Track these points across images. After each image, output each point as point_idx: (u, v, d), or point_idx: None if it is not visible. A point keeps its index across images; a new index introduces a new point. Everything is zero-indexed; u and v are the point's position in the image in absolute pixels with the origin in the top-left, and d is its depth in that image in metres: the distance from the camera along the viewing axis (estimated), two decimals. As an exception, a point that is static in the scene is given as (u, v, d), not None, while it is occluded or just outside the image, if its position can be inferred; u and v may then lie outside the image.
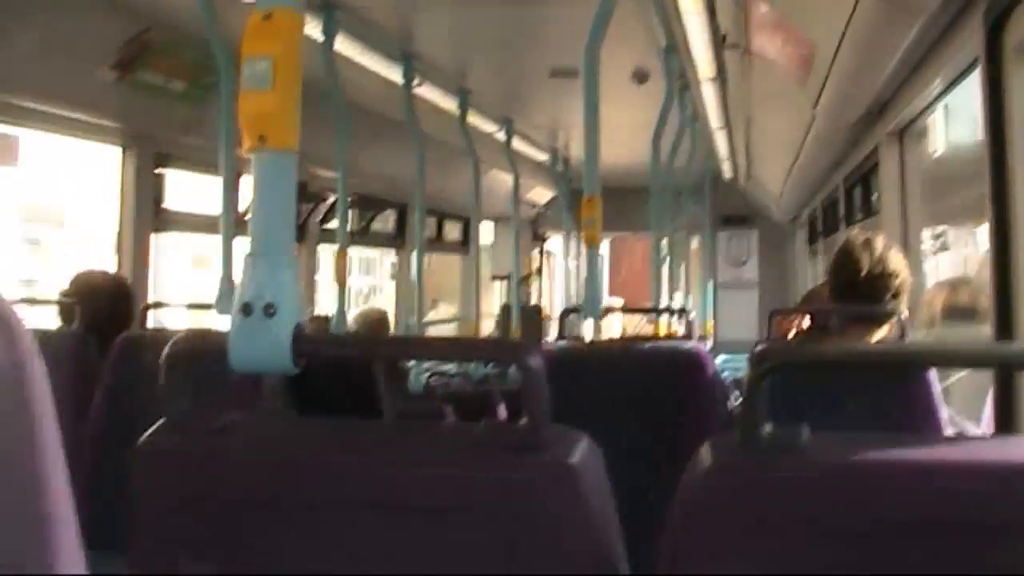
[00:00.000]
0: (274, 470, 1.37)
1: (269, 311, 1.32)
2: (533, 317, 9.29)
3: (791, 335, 4.24)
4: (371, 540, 1.34)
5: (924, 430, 2.80)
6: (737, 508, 1.22)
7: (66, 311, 3.73)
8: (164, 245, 5.11)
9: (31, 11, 3.54)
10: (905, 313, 3.17)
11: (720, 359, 7.81)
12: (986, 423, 3.35)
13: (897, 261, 3.14)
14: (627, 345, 3.91)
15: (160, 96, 4.40)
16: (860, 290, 3.08)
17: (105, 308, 3.73)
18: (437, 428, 2.01)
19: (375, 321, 6.52)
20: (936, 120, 4.51)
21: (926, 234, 5.42)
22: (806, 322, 3.92)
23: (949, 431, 3.02)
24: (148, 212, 4.89)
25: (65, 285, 3.89)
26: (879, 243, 3.15)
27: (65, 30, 3.74)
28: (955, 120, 4.37)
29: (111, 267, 4.68)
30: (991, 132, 2.83)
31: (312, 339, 1.40)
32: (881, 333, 3.11)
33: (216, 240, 3.92)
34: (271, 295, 1.32)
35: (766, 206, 10.97)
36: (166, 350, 1.38)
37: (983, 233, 3.36)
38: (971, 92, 3.32)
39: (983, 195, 2.90)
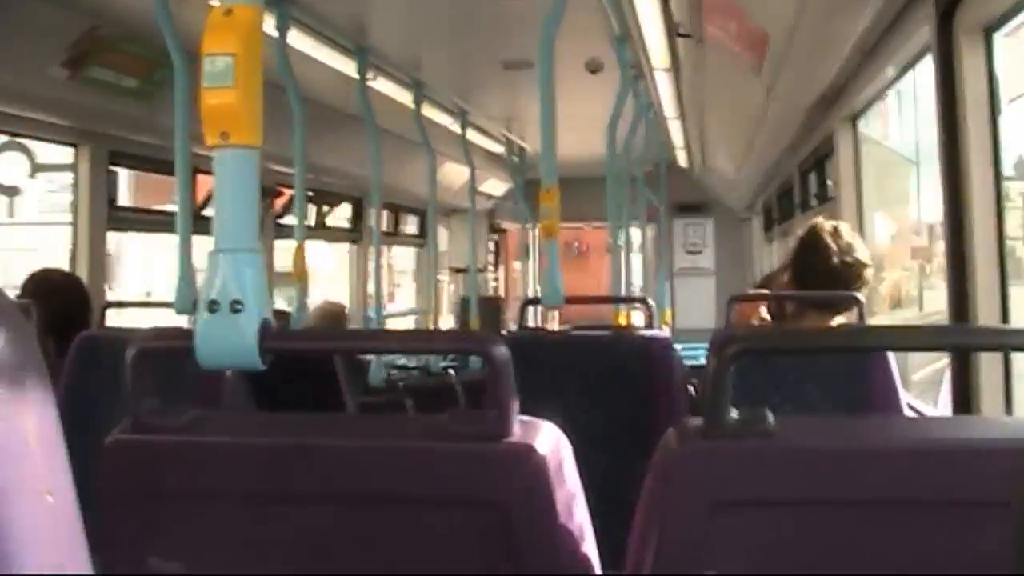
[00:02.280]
0: (240, 465, 1.38)
1: (236, 307, 1.32)
2: (492, 308, 9.30)
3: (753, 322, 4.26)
4: (339, 530, 1.34)
5: (884, 412, 2.83)
6: (705, 490, 1.24)
7: (22, 312, 3.69)
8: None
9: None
10: (863, 297, 3.20)
11: (679, 347, 7.86)
12: (942, 405, 3.39)
13: (863, 249, 3.16)
14: (588, 334, 3.92)
15: (112, 93, 4.36)
16: (828, 277, 3.09)
17: (62, 307, 3.69)
18: (403, 419, 2.01)
19: (334, 315, 6.49)
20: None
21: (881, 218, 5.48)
22: (764, 311, 3.93)
23: (908, 414, 3.06)
24: (102, 210, 4.85)
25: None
26: (846, 231, 3.17)
27: (13, 28, 3.69)
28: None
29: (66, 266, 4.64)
30: (944, 117, 2.86)
31: (279, 335, 1.40)
32: (840, 319, 3.14)
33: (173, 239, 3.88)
34: (237, 291, 1.32)
35: (722, 194, 11.03)
36: (131, 348, 1.38)
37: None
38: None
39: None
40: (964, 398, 2.82)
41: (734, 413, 1.26)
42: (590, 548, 1.36)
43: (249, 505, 1.36)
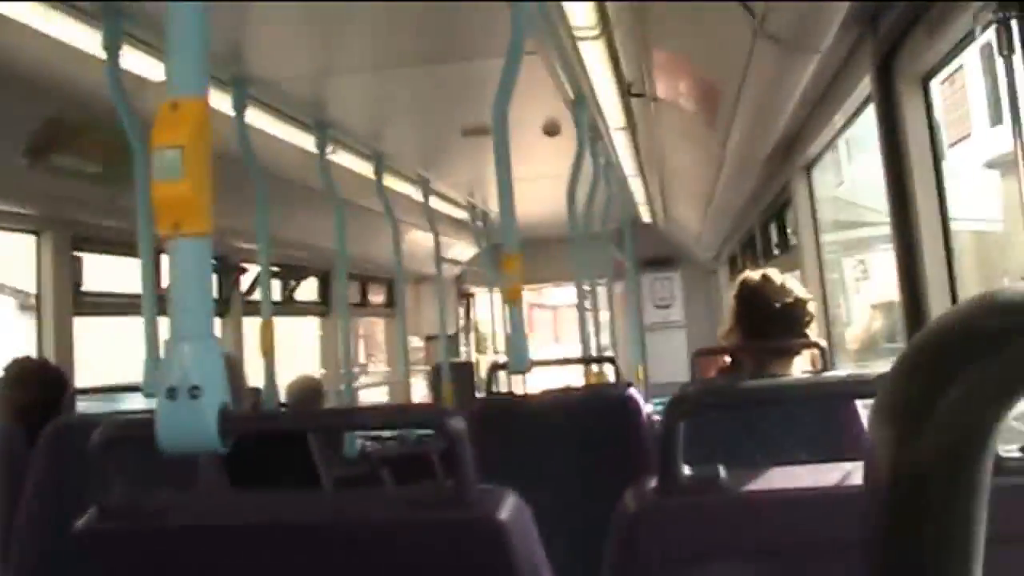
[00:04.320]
0: (212, 547, 1.39)
1: (194, 393, 1.34)
2: (465, 374, 9.29)
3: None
4: None
5: (855, 458, 2.85)
6: (659, 546, 1.26)
7: None
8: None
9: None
10: (824, 342, 3.24)
11: (653, 403, 7.88)
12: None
13: (800, 289, 3.20)
14: (556, 396, 3.94)
15: (76, 179, 4.38)
16: (774, 322, 3.12)
17: (33, 397, 3.69)
18: (372, 493, 2.02)
19: (309, 391, 6.49)
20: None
21: (848, 262, 5.54)
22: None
23: None
24: (67, 296, 4.85)
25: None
26: (776, 276, 3.21)
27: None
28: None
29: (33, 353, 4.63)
30: (889, 161, 2.92)
31: (239, 417, 1.42)
32: (802, 365, 3.16)
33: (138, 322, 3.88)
34: (195, 377, 1.34)
35: (687, 246, 11.11)
36: (93, 437, 1.39)
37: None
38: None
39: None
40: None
41: (688, 470, 1.29)
42: None
43: None
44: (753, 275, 3.26)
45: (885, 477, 0.49)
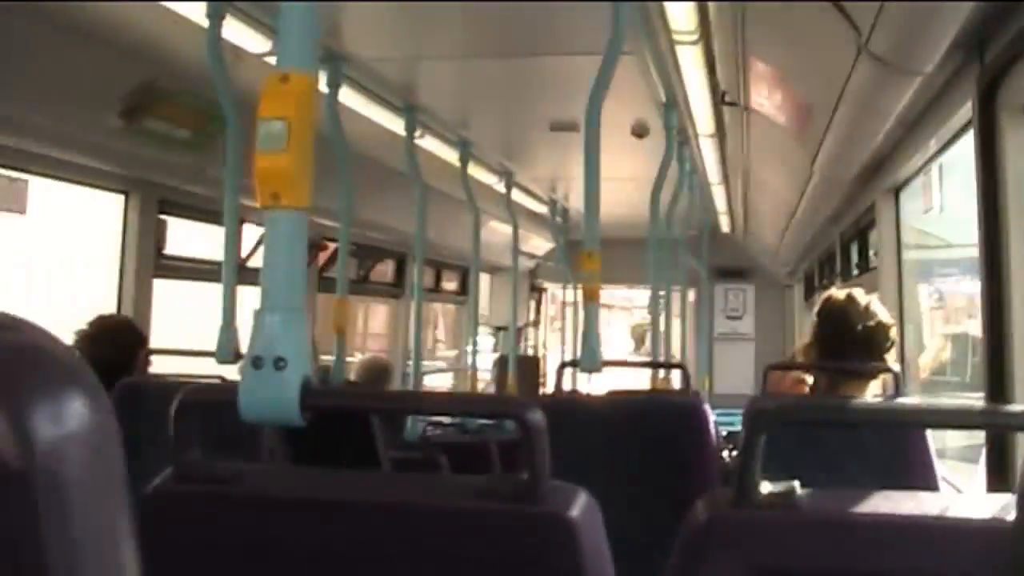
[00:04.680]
0: (281, 518, 1.40)
1: (279, 365, 1.35)
2: (531, 368, 9.29)
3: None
4: None
5: (920, 487, 2.82)
6: (732, 560, 1.25)
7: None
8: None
9: (41, 55, 3.58)
10: (898, 367, 3.20)
11: (716, 413, 7.85)
12: (981, 480, 3.37)
13: (884, 313, 3.16)
14: (622, 398, 3.93)
15: (165, 144, 4.44)
16: (854, 344, 3.09)
17: (110, 354, 3.74)
18: (437, 478, 2.03)
19: (378, 370, 6.54)
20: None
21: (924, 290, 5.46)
22: (809, 379, 3.91)
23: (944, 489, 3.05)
24: (150, 258, 4.93)
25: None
26: (861, 297, 3.18)
27: (73, 76, 3.78)
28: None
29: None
30: (984, 193, 2.88)
31: (320, 392, 1.43)
32: (875, 389, 3.13)
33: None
34: (281, 349, 1.35)
35: (763, 260, 11.02)
36: (176, 400, 1.41)
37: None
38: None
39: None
40: (998, 476, 2.81)
41: (766, 484, 1.28)
42: None
43: (285, 559, 1.38)
44: (838, 294, 3.23)
45: None
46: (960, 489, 3.49)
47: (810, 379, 3.88)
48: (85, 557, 0.49)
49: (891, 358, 3.10)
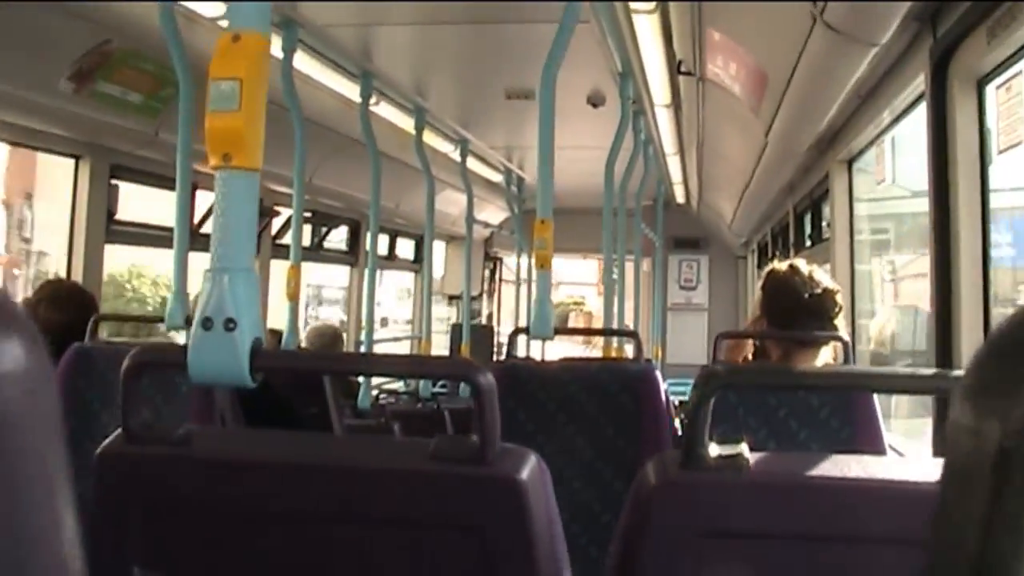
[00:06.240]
0: (230, 480, 1.40)
1: (229, 326, 1.34)
2: (485, 337, 9.30)
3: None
4: (320, 548, 1.36)
5: (868, 452, 2.86)
6: (680, 523, 1.26)
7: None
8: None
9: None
10: (847, 337, 3.23)
11: (668, 382, 7.89)
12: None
13: (828, 280, 3.19)
14: (576, 365, 3.94)
15: (117, 108, 4.39)
16: (801, 312, 3.11)
17: (61, 318, 3.72)
18: (387, 441, 2.02)
19: (329, 337, 6.52)
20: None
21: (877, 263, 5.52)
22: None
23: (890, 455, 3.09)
24: (101, 223, 4.88)
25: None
26: (803, 266, 3.20)
27: (23, 37, 3.72)
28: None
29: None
30: (935, 165, 2.90)
31: (270, 354, 1.43)
32: (825, 357, 3.15)
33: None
34: (231, 310, 1.35)
35: (718, 231, 11.08)
36: (126, 362, 1.40)
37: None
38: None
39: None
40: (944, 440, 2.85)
41: (714, 447, 1.29)
42: (566, 574, 1.38)
43: (235, 520, 1.38)
44: (781, 265, 3.25)
45: (971, 453, 0.50)
46: (905, 455, 3.54)
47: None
48: (19, 500, 0.48)
49: (840, 324, 3.12)
